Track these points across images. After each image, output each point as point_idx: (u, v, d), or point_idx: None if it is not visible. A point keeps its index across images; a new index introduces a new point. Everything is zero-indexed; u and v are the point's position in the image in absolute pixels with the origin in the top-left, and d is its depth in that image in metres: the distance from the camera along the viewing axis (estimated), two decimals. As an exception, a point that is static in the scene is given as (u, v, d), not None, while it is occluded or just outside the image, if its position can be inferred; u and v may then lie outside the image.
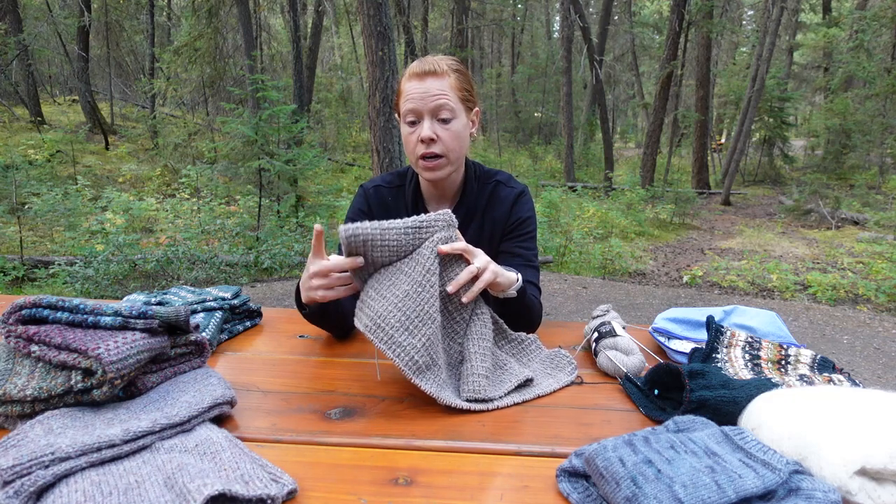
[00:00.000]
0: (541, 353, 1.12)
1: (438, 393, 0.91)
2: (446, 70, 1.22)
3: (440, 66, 1.21)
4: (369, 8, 4.96)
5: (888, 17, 13.17)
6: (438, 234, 0.98)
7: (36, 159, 8.47)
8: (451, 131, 1.22)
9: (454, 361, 1.02)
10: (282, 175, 6.68)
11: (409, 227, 0.96)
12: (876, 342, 4.09)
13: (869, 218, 8.93)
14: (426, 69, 1.20)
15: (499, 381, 0.99)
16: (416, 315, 0.92)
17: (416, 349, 0.90)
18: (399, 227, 0.95)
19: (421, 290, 0.94)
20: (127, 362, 0.77)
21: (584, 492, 0.68)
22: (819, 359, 1.00)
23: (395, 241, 0.95)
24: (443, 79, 1.21)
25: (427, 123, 1.21)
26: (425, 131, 1.20)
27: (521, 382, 0.98)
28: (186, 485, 0.61)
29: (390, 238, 0.95)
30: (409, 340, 0.90)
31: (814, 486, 0.61)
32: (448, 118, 1.22)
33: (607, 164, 14.30)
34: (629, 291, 5.45)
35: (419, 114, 1.21)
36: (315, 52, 15.01)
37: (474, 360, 0.97)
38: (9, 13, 10.91)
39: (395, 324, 0.90)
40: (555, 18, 25.36)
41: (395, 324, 0.90)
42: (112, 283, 4.85)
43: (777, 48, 13.61)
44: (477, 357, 0.98)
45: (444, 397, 0.91)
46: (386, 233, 0.94)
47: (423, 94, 1.19)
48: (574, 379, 1.04)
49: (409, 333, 0.90)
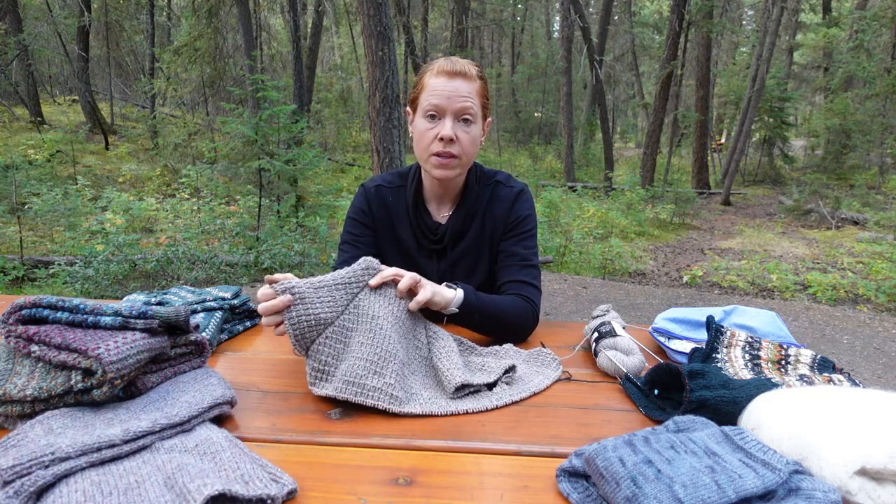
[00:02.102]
0: (520, 354, 1.12)
1: (431, 409, 0.92)
2: (475, 75, 1.24)
3: (470, 70, 1.23)
4: (369, 8, 4.96)
5: (888, 17, 13.17)
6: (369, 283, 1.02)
7: (36, 159, 8.47)
8: (469, 135, 1.24)
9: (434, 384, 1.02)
10: (282, 175, 6.68)
11: (338, 283, 0.99)
12: (876, 342, 4.09)
13: (869, 218, 8.93)
14: (457, 69, 1.21)
15: (481, 372, 1.01)
16: (378, 357, 0.93)
17: (391, 385, 0.91)
18: (330, 284, 0.98)
19: (372, 335, 0.96)
20: (127, 362, 0.77)
21: (584, 492, 0.68)
22: (819, 359, 1.00)
23: (328, 297, 0.97)
24: (471, 83, 1.22)
25: (449, 123, 1.21)
26: (447, 130, 1.20)
27: (506, 370, 0.99)
28: (186, 485, 0.61)
29: (324, 295, 0.97)
30: (381, 381, 0.91)
31: (814, 486, 0.61)
32: (469, 122, 1.23)
33: (607, 164, 14.30)
34: (629, 291, 5.45)
35: (443, 111, 1.21)
36: (315, 52, 15.01)
37: (444, 363, 1.00)
38: (9, 13, 10.91)
39: (362, 373, 0.91)
40: (555, 18, 25.37)
41: (362, 373, 0.91)
42: (112, 283, 4.85)
43: (777, 48, 13.61)
44: (447, 360, 1.00)
45: (437, 409, 0.92)
46: (319, 291, 0.96)
47: (452, 92, 1.20)
48: (561, 375, 1.04)
49: (378, 376, 0.92)
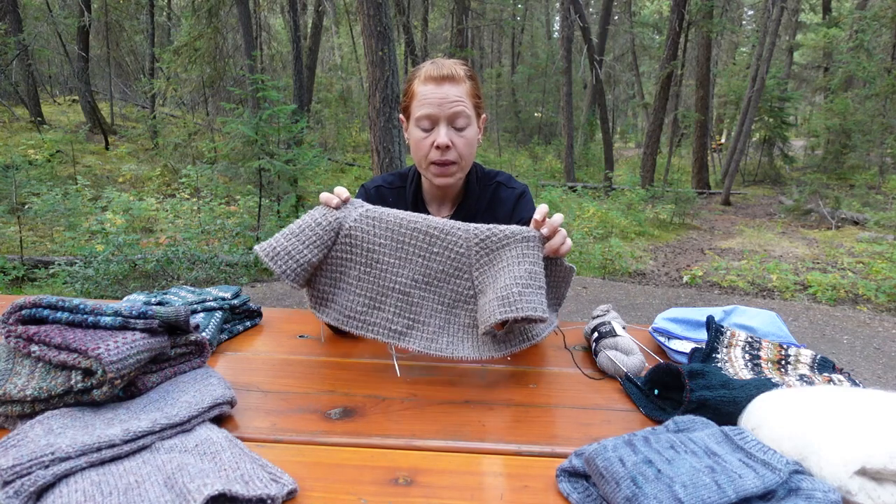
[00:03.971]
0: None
1: (429, 346, 0.94)
2: (463, 76, 1.20)
3: (457, 72, 1.19)
4: (369, 8, 4.96)
5: (888, 17, 13.16)
6: (351, 213, 1.00)
7: (36, 159, 8.46)
8: (465, 139, 1.22)
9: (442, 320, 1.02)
10: (282, 175, 6.67)
11: (311, 224, 0.98)
12: (876, 342, 4.09)
13: (869, 218, 8.92)
14: (444, 74, 1.18)
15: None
16: (377, 292, 0.98)
17: (389, 319, 0.96)
18: (310, 225, 0.97)
19: (369, 269, 0.99)
20: (127, 362, 0.77)
21: (584, 492, 0.68)
22: (819, 359, 1.00)
23: (312, 236, 0.97)
24: (459, 85, 1.19)
25: (443, 130, 1.19)
26: (442, 138, 1.18)
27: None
28: (186, 485, 0.61)
29: (306, 237, 0.97)
30: (380, 315, 0.96)
31: (814, 486, 0.61)
32: (463, 126, 1.21)
33: (607, 164, 14.29)
34: (629, 291, 5.45)
35: (436, 120, 1.19)
36: (315, 52, 15.01)
37: (489, 293, 0.96)
38: (9, 13, 10.90)
39: (361, 309, 0.97)
40: (555, 18, 25.36)
41: (361, 309, 0.97)
42: (112, 283, 4.85)
43: (777, 48, 13.61)
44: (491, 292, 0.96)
45: (434, 349, 0.94)
46: (300, 236, 0.96)
47: (441, 99, 1.17)
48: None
49: (377, 310, 0.97)
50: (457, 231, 1.00)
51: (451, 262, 1.00)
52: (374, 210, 1.01)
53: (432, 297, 1.01)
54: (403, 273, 1.00)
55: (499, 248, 0.98)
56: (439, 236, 1.00)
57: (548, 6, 24.93)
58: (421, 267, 1.00)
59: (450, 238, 1.00)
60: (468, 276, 1.01)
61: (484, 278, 0.99)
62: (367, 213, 1.00)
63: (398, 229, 1.00)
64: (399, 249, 1.00)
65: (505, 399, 0.96)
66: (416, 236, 1.00)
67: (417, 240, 1.00)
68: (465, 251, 1.00)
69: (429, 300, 1.00)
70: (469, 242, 0.99)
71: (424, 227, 1.00)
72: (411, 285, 1.00)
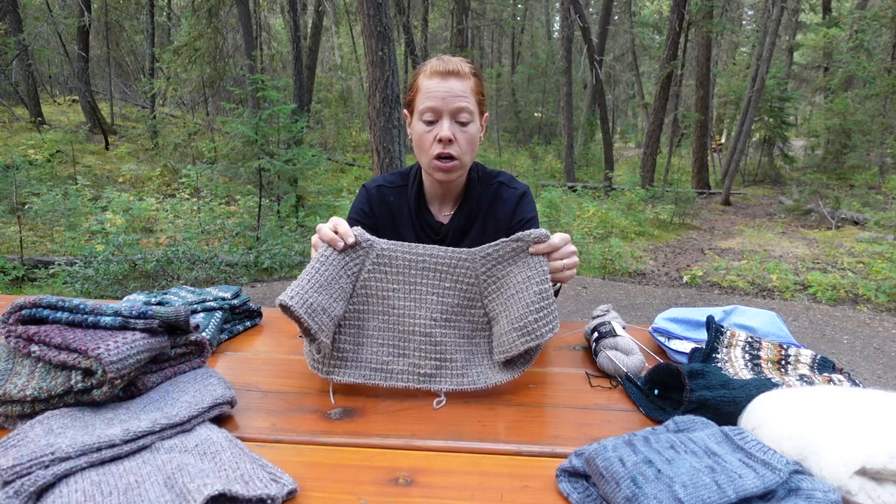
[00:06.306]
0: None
1: (460, 383, 0.95)
2: (468, 72, 1.21)
3: (463, 68, 1.20)
4: (369, 8, 4.97)
5: (888, 17, 13.15)
6: (365, 263, 1.01)
7: (36, 159, 8.46)
8: (467, 134, 1.22)
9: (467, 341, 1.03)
10: (282, 175, 6.68)
11: (339, 272, 0.97)
12: (876, 342, 4.09)
13: (869, 218, 8.91)
14: (450, 69, 1.19)
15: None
16: (399, 339, 0.99)
17: (416, 364, 0.97)
18: (332, 275, 0.96)
19: (388, 317, 1.00)
20: (127, 362, 0.77)
21: (584, 492, 0.68)
22: (819, 359, 1.00)
23: (338, 289, 0.96)
24: (465, 81, 1.20)
25: (446, 123, 1.19)
26: (444, 131, 1.19)
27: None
28: (186, 485, 0.61)
29: (334, 291, 0.95)
30: (407, 361, 0.98)
31: (814, 486, 0.61)
32: (466, 121, 1.21)
33: (607, 164, 14.29)
34: (629, 291, 5.45)
35: (439, 113, 1.20)
36: (315, 52, 15.00)
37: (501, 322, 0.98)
38: (9, 13, 10.90)
39: (385, 359, 0.97)
40: (555, 18, 25.36)
41: (385, 359, 0.97)
42: (112, 283, 4.85)
43: (777, 48, 13.60)
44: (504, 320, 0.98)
45: (466, 384, 0.95)
46: (328, 288, 0.95)
47: (446, 93, 1.18)
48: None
49: (403, 357, 0.98)
50: (463, 263, 1.02)
51: (463, 294, 1.02)
52: (383, 254, 1.01)
53: (453, 332, 1.01)
54: (421, 314, 1.00)
55: (504, 274, 1.00)
56: (448, 271, 1.02)
57: (548, 6, 24.93)
58: (437, 305, 1.01)
59: (458, 271, 1.02)
60: (480, 304, 1.03)
61: (494, 306, 1.01)
62: (377, 259, 1.00)
63: (408, 272, 1.01)
64: (413, 292, 1.01)
65: (505, 399, 0.96)
66: (426, 275, 1.02)
67: (428, 278, 1.02)
68: (475, 281, 1.02)
69: (450, 336, 1.00)
70: (477, 272, 1.01)
71: (432, 264, 1.02)
72: (431, 325, 1.00)
